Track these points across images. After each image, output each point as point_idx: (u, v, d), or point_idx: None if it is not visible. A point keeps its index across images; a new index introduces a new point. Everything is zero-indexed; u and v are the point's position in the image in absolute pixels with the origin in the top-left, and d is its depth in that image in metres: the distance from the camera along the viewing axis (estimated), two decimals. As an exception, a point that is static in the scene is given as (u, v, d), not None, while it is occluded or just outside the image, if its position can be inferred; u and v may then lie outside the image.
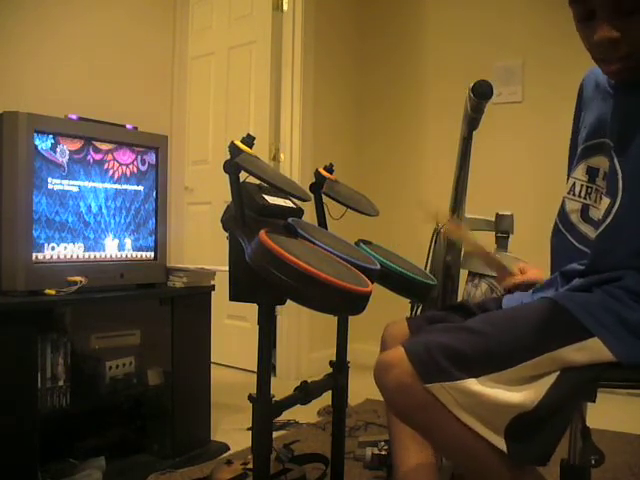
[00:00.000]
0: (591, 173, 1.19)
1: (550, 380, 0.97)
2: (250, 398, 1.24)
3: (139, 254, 2.13)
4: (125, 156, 2.07)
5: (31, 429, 1.71)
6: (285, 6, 3.51)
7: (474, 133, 1.78)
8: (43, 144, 1.82)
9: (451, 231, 1.70)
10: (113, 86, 2.45)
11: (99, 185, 1.99)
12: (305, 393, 1.41)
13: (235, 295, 1.28)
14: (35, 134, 1.79)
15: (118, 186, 2.05)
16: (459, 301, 1.47)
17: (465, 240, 1.64)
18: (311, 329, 3.49)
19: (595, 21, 1.03)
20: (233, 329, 3.56)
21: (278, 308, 3.21)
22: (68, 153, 1.89)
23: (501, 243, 1.92)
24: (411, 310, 1.77)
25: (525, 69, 3.40)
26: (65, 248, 1.89)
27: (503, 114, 3.32)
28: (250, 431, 1.26)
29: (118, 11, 2.50)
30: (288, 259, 1.03)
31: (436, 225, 1.85)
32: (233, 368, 3.48)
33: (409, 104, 3.80)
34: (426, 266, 1.83)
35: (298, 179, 3.32)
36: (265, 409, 1.24)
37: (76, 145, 1.92)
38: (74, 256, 1.92)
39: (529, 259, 1.87)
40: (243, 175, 1.23)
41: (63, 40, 2.30)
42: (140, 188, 2.12)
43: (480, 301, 1.41)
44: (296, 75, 3.46)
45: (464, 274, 1.92)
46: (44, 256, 1.83)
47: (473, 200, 1.91)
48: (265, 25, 3.54)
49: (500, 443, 0.96)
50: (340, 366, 1.62)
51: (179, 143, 2.76)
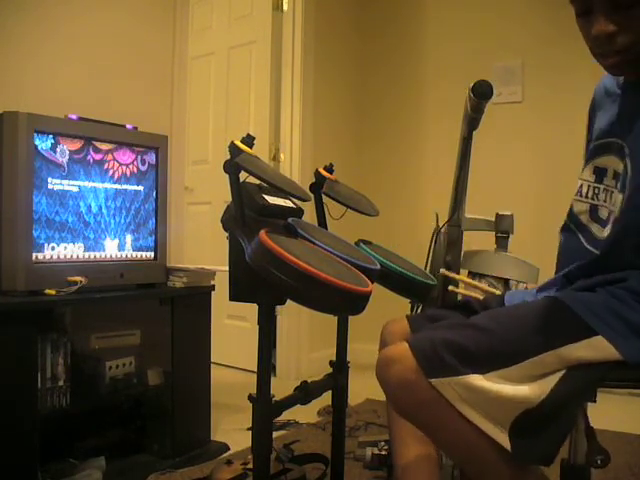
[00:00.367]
0: (598, 173, 1.18)
1: (556, 378, 0.97)
2: (250, 398, 1.24)
3: (139, 254, 2.13)
4: (125, 156, 2.07)
5: (31, 429, 1.71)
6: (285, 6, 3.51)
7: (474, 133, 1.78)
8: (43, 144, 1.82)
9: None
10: (113, 86, 2.45)
11: (99, 185, 1.99)
12: (305, 393, 1.41)
13: (235, 295, 1.28)
14: (35, 134, 1.79)
15: (118, 186, 2.05)
16: (461, 299, 1.46)
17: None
18: (311, 329, 3.49)
19: (593, 15, 1.04)
20: (233, 329, 3.56)
21: (278, 308, 3.20)
22: (68, 153, 1.89)
23: (501, 243, 1.92)
24: (411, 310, 1.77)
25: (525, 69, 3.40)
26: (65, 248, 1.89)
27: (503, 114, 3.32)
28: (250, 431, 1.26)
29: (118, 11, 2.50)
30: (288, 259, 1.03)
31: (436, 226, 1.85)
32: (233, 368, 3.48)
33: (409, 104, 3.80)
34: (426, 266, 1.83)
35: (298, 179, 3.32)
36: (265, 409, 1.25)
37: (76, 145, 1.92)
38: (74, 256, 1.92)
39: (529, 259, 1.87)
40: (243, 175, 1.23)
41: (63, 40, 2.30)
42: (140, 188, 2.12)
43: (482, 299, 1.41)
44: (296, 75, 3.46)
45: (464, 274, 1.92)
46: (44, 256, 1.83)
47: (473, 200, 1.91)
48: (265, 25, 3.54)
49: (504, 441, 0.96)
50: (340, 366, 1.62)
51: (179, 143, 2.76)
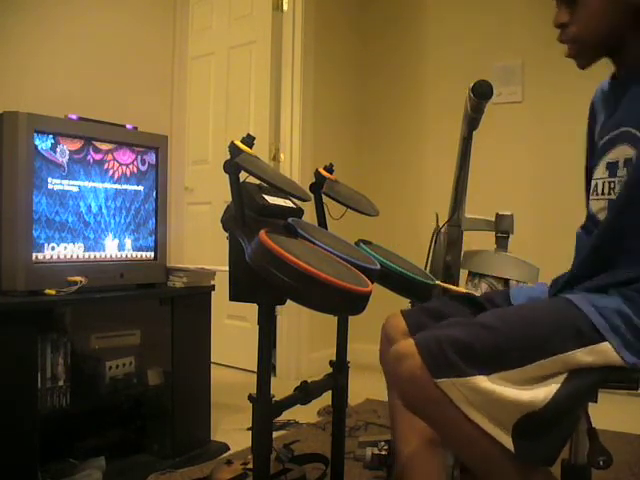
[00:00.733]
0: (611, 168, 1.17)
1: (559, 381, 0.98)
2: (250, 398, 1.24)
3: (139, 254, 2.12)
4: (125, 156, 2.07)
5: (31, 429, 1.71)
6: (285, 6, 3.51)
7: (474, 133, 1.78)
8: (43, 144, 1.82)
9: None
10: (113, 86, 2.45)
11: (99, 185, 1.99)
12: (305, 393, 1.41)
13: (235, 295, 1.28)
14: (35, 134, 1.79)
15: (118, 186, 2.05)
16: (466, 293, 1.47)
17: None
18: (311, 329, 3.49)
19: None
20: (233, 329, 3.56)
21: (278, 308, 3.20)
22: (68, 153, 1.89)
23: (501, 243, 1.92)
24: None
25: (525, 69, 3.40)
26: (65, 248, 1.89)
27: (503, 114, 3.32)
28: (250, 431, 1.26)
29: (118, 11, 2.50)
30: (288, 259, 1.03)
31: (436, 226, 1.86)
32: (233, 368, 3.48)
33: (409, 104, 3.79)
34: (426, 266, 1.83)
35: (298, 179, 3.32)
36: (265, 409, 1.25)
37: (76, 145, 1.92)
38: (74, 256, 1.92)
39: (529, 259, 1.88)
40: (243, 175, 1.23)
41: (63, 40, 2.30)
42: (140, 188, 2.12)
43: (486, 293, 1.42)
44: (296, 75, 3.46)
45: (464, 274, 1.92)
46: (44, 256, 1.83)
47: (473, 200, 1.91)
48: (265, 25, 3.54)
49: (507, 442, 0.96)
50: (340, 366, 1.62)
51: (179, 143, 2.76)
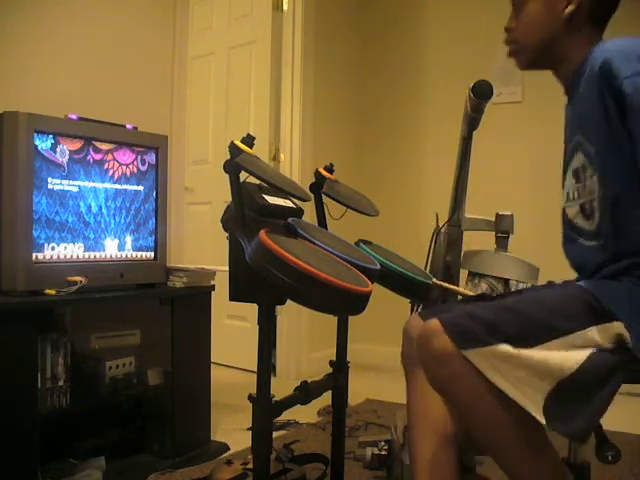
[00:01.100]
0: (577, 175, 1.21)
1: (586, 353, 1.00)
2: (250, 398, 1.24)
3: (139, 254, 2.12)
4: (125, 156, 2.07)
5: (31, 429, 1.71)
6: (285, 6, 3.51)
7: (474, 133, 1.78)
8: (43, 144, 1.82)
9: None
10: (113, 86, 2.45)
11: (99, 185, 1.99)
12: (305, 393, 1.41)
13: (235, 295, 1.28)
14: (35, 134, 1.79)
15: (118, 186, 2.05)
16: (478, 294, 1.48)
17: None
18: (311, 329, 3.49)
19: None
20: (233, 329, 3.56)
21: (278, 308, 3.20)
22: (68, 153, 1.89)
23: (501, 243, 1.92)
24: (411, 310, 1.77)
25: (525, 69, 3.40)
26: (65, 248, 1.89)
27: (503, 114, 3.32)
28: (250, 431, 1.26)
29: (118, 11, 2.50)
30: (288, 259, 1.03)
31: (436, 226, 1.86)
32: (233, 368, 3.48)
33: (409, 104, 3.79)
34: (426, 266, 1.83)
35: (298, 179, 3.32)
36: (265, 409, 1.25)
37: (76, 145, 1.92)
38: (74, 256, 1.92)
39: (529, 259, 1.88)
40: (243, 175, 1.23)
41: (63, 40, 2.30)
42: (140, 188, 2.12)
43: (501, 294, 1.43)
44: (296, 75, 3.46)
45: (464, 274, 1.92)
46: (44, 256, 1.83)
47: (473, 200, 1.92)
48: (265, 25, 3.54)
49: (537, 411, 0.97)
50: (340, 366, 1.62)
51: (179, 143, 2.76)
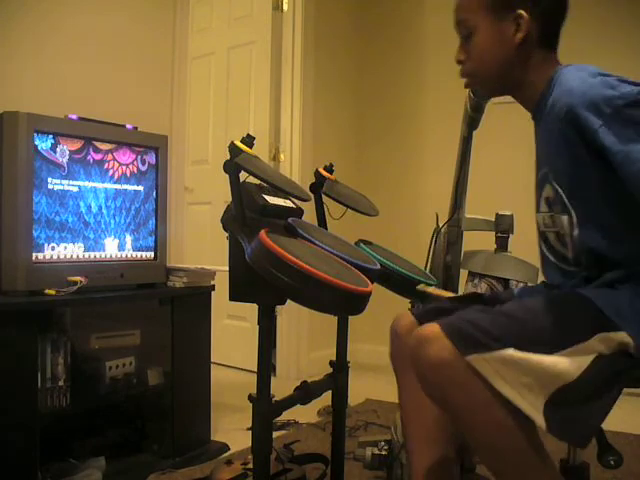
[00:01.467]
0: (549, 204, 1.22)
1: (589, 359, 0.99)
2: (250, 398, 1.24)
3: (139, 254, 2.12)
4: (125, 156, 2.07)
5: (31, 429, 1.70)
6: (285, 6, 3.51)
7: (474, 133, 1.78)
8: (43, 144, 1.82)
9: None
10: (113, 86, 2.45)
11: (99, 185, 1.99)
12: (305, 393, 1.41)
13: (235, 295, 1.28)
14: (35, 134, 1.79)
15: (118, 186, 2.05)
16: (470, 292, 1.47)
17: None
18: (311, 329, 3.48)
19: None
20: (233, 329, 3.56)
21: (278, 308, 3.20)
22: (68, 153, 1.89)
23: (501, 243, 1.92)
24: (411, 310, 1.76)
25: (525, 69, 3.39)
26: (65, 248, 1.89)
27: (503, 114, 3.31)
28: (250, 431, 1.26)
29: (118, 11, 2.50)
30: (288, 259, 1.03)
31: (436, 226, 1.86)
32: (233, 368, 3.48)
33: (409, 104, 3.79)
34: (426, 266, 1.83)
35: (298, 179, 3.32)
36: (265, 409, 1.25)
37: (76, 145, 1.92)
38: (74, 256, 1.92)
39: (529, 259, 1.88)
40: (243, 175, 1.23)
41: (63, 40, 2.30)
42: (140, 188, 2.12)
43: (491, 292, 1.42)
44: (296, 75, 3.46)
45: (464, 274, 1.92)
46: (44, 256, 1.83)
47: (473, 200, 1.92)
48: (265, 25, 3.54)
49: (538, 417, 0.96)
50: (340, 366, 1.62)
51: (179, 143, 2.76)
